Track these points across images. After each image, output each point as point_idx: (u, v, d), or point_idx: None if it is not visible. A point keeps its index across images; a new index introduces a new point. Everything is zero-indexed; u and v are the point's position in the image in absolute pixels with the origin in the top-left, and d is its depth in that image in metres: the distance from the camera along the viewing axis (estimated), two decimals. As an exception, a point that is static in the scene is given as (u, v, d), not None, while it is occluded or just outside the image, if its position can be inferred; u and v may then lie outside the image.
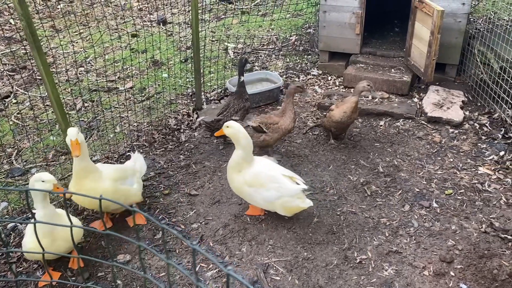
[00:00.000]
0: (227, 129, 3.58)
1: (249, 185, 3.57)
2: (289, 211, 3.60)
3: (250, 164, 3.60)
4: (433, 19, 4.89)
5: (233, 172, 3.65)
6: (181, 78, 6.27)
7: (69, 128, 3.28)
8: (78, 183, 3.37)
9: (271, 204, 3.59)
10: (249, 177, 3.56)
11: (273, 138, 4.39)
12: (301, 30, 7.76)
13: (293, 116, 4.36)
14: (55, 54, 7.06)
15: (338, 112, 4.51)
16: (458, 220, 3.72)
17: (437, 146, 4.67)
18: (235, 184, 3.68)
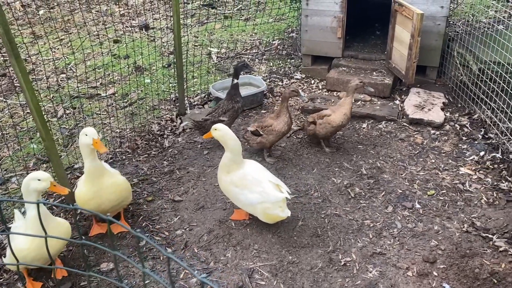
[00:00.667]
0: (215, 132, 3.59)
1: (235, 185, 3.59)
2: (268, 218, 3.58)
3: (239, 166, 3.61)
4: (413, 22, 4.96)
5: (222, 172, 3.67)
6: (164, 83, 6.24)
7: (86, 129, 3.39)
8: (96, 182, 3.46)
9: (253, 208, 3.60)
10: (237, 178, 3.58)
11: (268, 140, 4.47)
12: (284, 34, 7.79)
13: (286, 119, 4.41)
14: (36, 61, 6.97)
15: (339, 115, 4.51)
16: (441, 220, 3.77)
17: (419, 147, 4.73)
18: (222, 184, 3.69)
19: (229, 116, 4.71)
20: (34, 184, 2.99)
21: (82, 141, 3.39)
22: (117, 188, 3.58)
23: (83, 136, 3.38)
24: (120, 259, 3.49)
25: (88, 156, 3.41)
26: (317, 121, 4.62)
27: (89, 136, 3.36)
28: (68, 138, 5.08)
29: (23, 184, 3.02)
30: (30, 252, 3.01)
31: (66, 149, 4.90)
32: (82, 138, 3.38)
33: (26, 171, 4.51)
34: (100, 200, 3.50)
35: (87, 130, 3.38)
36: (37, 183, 3.00)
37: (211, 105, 5.73)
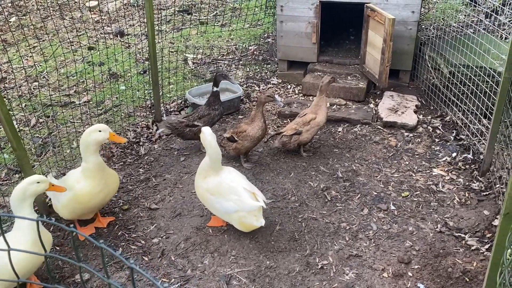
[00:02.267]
0: (201, 134, 3.63)
1: (211, 193, 3.58)
2: (243, 226, 3.57)
3: (217, 173, 3.61)
4: (385, 27, 5.06)
5: (199, 178, 3.67)
6: (140, 90, 6.19)
7: (97, 125, 3.53)
8: (100, 176, 3.57)
9: (228, 216, 3.59)
10: (212, 185, 3.57)
11: (243, 146, 4.48)
12: (260, 40, 7.83)
13: (261, 125, 4.44)
14: (7, 69, 6.83)
15: (323, 115, 4.60)
16: (415, 221, 3.83)
17: (393, 149, 4.81)
18: (199, 190, 3.68)
19: (203, 122, 4.70)
20: (34, 187, 3.06)
21: (95, 137, 3.48)
22: (116, 179, 3.77)
23: (95, 133, 3.48)
24: (97, 269, 3.44)
25: (93, 152, 3.51)
26: (302, 129, 4.59)
27: (104, 131, 3.51)
28: (41, 148, 4.98)
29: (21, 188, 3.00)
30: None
31: (40, 159, 4.81)
32: (94, 135, 3.48)
33: (-3, 182, 4.41)
34: (106, 191, 3.64)
35: (100, 127, 3.52)
36: (37, 185, 3.08)
37: (188, 111, 5.71)
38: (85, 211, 3.65)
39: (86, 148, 3.51)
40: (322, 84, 4.64)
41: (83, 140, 3.51)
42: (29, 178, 3.04)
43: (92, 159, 3.53)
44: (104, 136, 3.52)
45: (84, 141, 3.50)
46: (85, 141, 3.49)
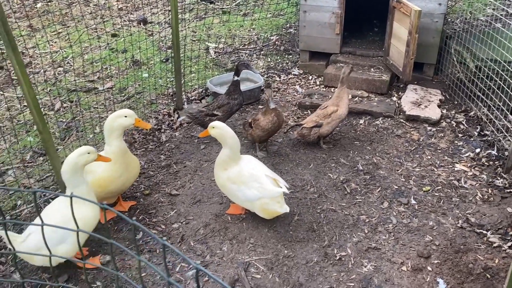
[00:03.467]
0: (212, 130, 3.58)
1: (232, 182, 3.58)
2: (267, 213, 3.58)
3: (236, 162, 3.62)
4: (411, 19, 4.97)
5: (219, 169, 3.67)
6: (162, 77, 6.23)
7: (122, 111, 3.58)
8: (122, 160, 3.62)
9: (251, 204, 3.60)
10: (233, 174, 3.58)
11: (256, 134, 4.47)
12: (282, 30, 7.79)
13: (271, 118, 4.38)
14: (33, 54, 6.95)
15: (345, 107, 4.59)
16: (436, 216, 3.79)
17: (415, 144, 4.75)
18: (219, 181, 3.69)
19: (223, 111, 4.72)
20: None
21: (120, 122, 3.54)
22: (137, 164, 3.83)
23: (121, 118, 3.55)
24: (116, 252, 3.50)
25: (117, 137, 3.58)
26: (323, 121, 4.56)
27: (130, 117, 3.57)
28: (65, 132, 5.08)
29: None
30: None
31: (63, 143, 4.90)
32: (120, 120, 3.54)
33: (22, 164, 4.51)
34: (127, 176, 3.70)
35: (126, 112, 3.58)
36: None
37: (209, 100, 5.73)
38: (106, 195, 3.71)
39: (111, 133, 3.57)
40: (344, 75, 4.60)
41: (108, 124, 3.56)
42: (79, 149, 3.16)
43: (116, 143, 3.58)
44: (130, 122, 3.58)
45: (109, 125, 3.55)
46: (110, 125, 3.55)
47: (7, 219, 3.84)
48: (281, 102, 5.66)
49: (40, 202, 4.00)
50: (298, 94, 5.87)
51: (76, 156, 3.11)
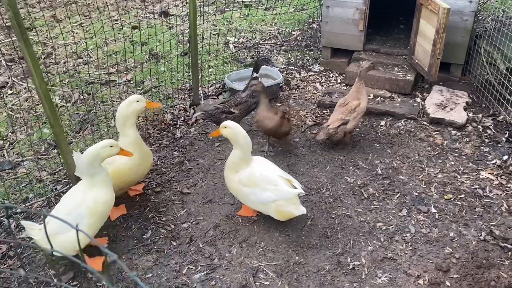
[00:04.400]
0: (224, 130, 3.46)
1: (245, 185, 3.47)
2: (282, 215, 3.47)
3: (247, 164, 3.50)
4: (439, 17, 4.73)
5: (230, 172, 3.55)
6: (180, 72, 6.15)
7: (134, 96, 3.59)
8: (139, 149, 3.64)
9: (265, 207, 3.48)
10: (244, 176, 3.46)
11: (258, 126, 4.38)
12: (305, 25, 7.60)
13: (272, 116, 4.24)
14: (54, 45, 6.96)
15: (366, 102, 4.51)
16: (457, 227, 3.60)
17: (439, 148, 4.53)
18: (231, 184, 3.57)
19: (240, 109, 4.60)
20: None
21: (134, 107, 3.56)
22: (150, 155, 3.82)
23: (134, 103, 3.56)
24: (125, 250, 3.44)
25: (132, 125, 3.59)
26: (350, 117, 4.40)
27: (141, 100, 3.59)
28: (80, 124, 5.05)
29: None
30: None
31: (78, 135, 4.87)
32: (134, 105, 3.55)
33: (36, 156, 4.50)
34: (145, 165, 3.73)
35: (137, 97, 3.59)
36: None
37: (226, 96, 5.62)
38: (123, 186, 3.71)
39: (125, 121, 3.57)
40: (362, 70, 4.45)
41: (121, 113, 3.56)
42: (103, 142, 3.16)
43: (131, 132, 3.60)
44: (142, 105, 3.61)
45: (122, 114, 3.56)
46: (124, 113, 3.56)
47: (18, 211, 3.82)
48: (299, 100, 5.50)
49: (51, 196, 3.97)
50: (318, 92, 5.69)
51: (99, 148, 3.13)
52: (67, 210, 3.06)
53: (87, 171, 3.15)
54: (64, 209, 3.08)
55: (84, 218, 3.07)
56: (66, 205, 3.11)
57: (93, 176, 3.16)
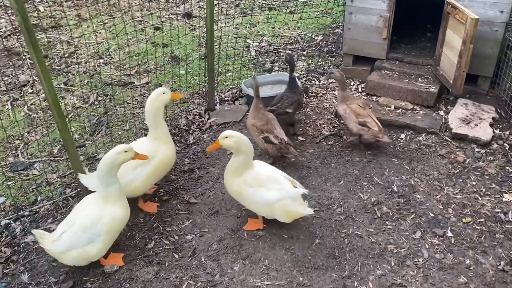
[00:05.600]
0: (226, 140, 3.37)
1: (249, 186, 3.42)
2: (288, 215, 3.44)
3: (251, 167, 3.48)
4: (466, 28, 4.49)
5: (232, 177, 3.49)
6: (198, 75, 6.08)
7: (160, 89, 3.70)
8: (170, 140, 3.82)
9: (271, 208, 3.43)
10: (250, 177, 3.43)
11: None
12: (328, 30, 7.42)
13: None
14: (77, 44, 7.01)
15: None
16: (474, 254, 3.38)
17: (460, 166, 4.30)
18: (234, 187, 3.50)
19: (293, 108, 4.68)
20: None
21: (163, 98, 3.68)
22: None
23: (161, 95, 3.67)
24: (127, 260, 3.39)
25: (161, 117, 3.72)
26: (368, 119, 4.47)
27: (167, 92, 3.71)
28: (95, 126, 5.04)
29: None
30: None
31: (92, 138, 4.86)
32: (162, 97, 3.67)
33: (49, 157, 4.51)
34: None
35: (162, 89, 3.70)
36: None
37: (242, 102, 5.52)
38: (161, 176, 3.85)
39: (157, 113, 3.67)
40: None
41: (152, 106, 3.65)
42: (117, 147, 3.17)
43: (162, 123, 3.73)
44: (168, 96, 3.73)
45: (154, 106, 3.65)
46: (155, 105, 3.65)
47: (25, 214, 3.83)
48: (317, 109, 5.34)
49: (59, 200, 3.97)
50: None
51: (114, 154, 3.13)
52: (84, 227, 3.08)
53: (104, 180, 3.13)
54: (80, 225, 3.08)
55: (101, 235, 3.12)
56: (82, 221, 3.10)
57: (108, 187, 3.14)
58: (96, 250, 3.13)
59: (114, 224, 3.15)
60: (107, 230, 3.12)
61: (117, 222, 3.17)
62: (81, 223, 3.09)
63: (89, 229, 3.07)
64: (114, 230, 3.18)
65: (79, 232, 3.06)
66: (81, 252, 3.09)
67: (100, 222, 3.09)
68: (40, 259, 3.42)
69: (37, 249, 3.50)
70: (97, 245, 3.12)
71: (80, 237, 3.06)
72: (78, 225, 3.08)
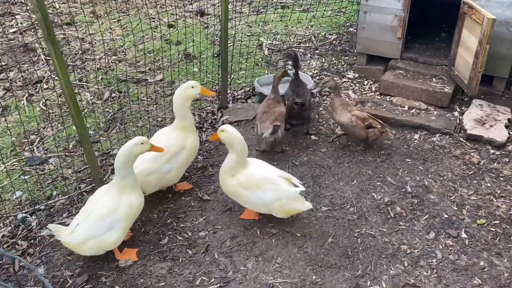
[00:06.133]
0: (222, 134, 3.46)
1: (245, 188, 3.46)
2: (287, 213, 3.52)
3: (244, 166, 3.51)
4: (482, 28, 4.45)
5: (226, 176, 3.53)
6: (211, 73, 6.10)
7: (188, 82, 3.75)
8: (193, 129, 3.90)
9: (268, 208, 3.48)
10: (243, 178, 3.46)
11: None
12: (342, 29, 7.40)
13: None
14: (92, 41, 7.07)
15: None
16: (488, 256, 3.36)
17: (474, 167, 4.27)
18: (229, 188, 3.54)
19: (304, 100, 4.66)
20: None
21: (190, 93, 3.73)
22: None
23: (188, 89, 3.73)
24: (141, 255, 3.42)
25: (188, 109, 3.79)
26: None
27: (196, 87, 3.75)
28: (109, 122, 5.09)
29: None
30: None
31: (106, 134, 4.90)
32: (189, 91, 3.73)
33: (64, 153, 4.56)
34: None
35: (192, 83, 3.75)
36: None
37: (255, 100, 5.53)
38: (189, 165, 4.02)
39: (183, 104, 3.74)
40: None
41: (179, 96, 3.73)
42: (133, 140, 3.23)
43: (189, 115, 3.81)
44: (196, 91, 3.77)
45: (179, 98, 3.73)
46: (181, 97, 3.72)
47: (41, 208, 3.88)
48: (330, 108, 5.33)
49: (74, 195, 4.01)
50: (350, 100, 5.50)
51: (130, 146, 3.20)
52: (102, 216, 3.16)
53: (119, 172, 3.21)
54: (98, 215, 3.16)
55: (119, 222, 3.21)
56: (100, 211, 3.18)
57: (125, 178, 3.23)
58: (115, 238, 3.22)
59: (131, 212, 3.26)
60: (124, 218, 3.22)
61: (133, 210, 3.28)
62: (99, 213, 3.17)
63: (108, 217, 3.16)
64: (131, 217, 3.29)
65: (98, 222, 3.15)
66: (99, 241, 3.17)
67: (118, 210, 3.20)
68: (55, 252, 3.46)
69: (52, 243, 3.54)
70: (115, 233, 3.21)
71: (99, 226, 3.15)
72: (96, 215, 3.17)
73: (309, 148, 4.63)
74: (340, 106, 4.44)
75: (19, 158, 4.48)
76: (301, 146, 4.65)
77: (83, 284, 3.19)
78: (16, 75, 6.08)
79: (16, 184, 4.12)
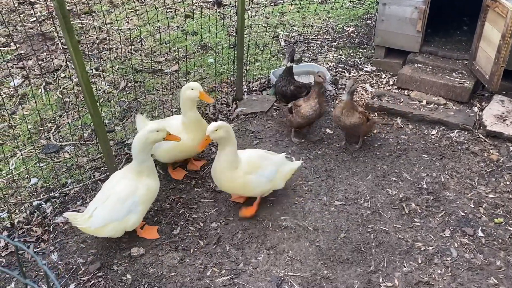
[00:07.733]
0: (218, 132, 3.30)
1: (249, 173, 3.48)
2: (285, 178, 3.69)
3: (238, 156, 3.56)
4: (506, 21, 4.32)
5: (230, 172, 3.44)
6: (226, 64, 6.07)
7: (190, 83, 3.75)
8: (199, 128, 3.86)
9: (272, 183, 3.61)
10: (245, 165, 3.50)
11: (295, 120, 4.43)
12: (360, 21, 7.28)
13: (313, 104, 4.31)
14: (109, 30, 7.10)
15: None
16: (505, 255, 3.29)
17: (493, 165, 4.17)
18: (238, 181, 3.46)
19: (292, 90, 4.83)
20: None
21: (187, 95, 3.74)
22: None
23: (188, 90, 3.74)
24: (153, 244, 3.44)
25: (190, 108, 3.79)
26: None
27: (195, 89, 3.74)
28: (124, 112, 5.11)
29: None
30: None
31: (122, 123, 4.92)
32: (187, 93, 3.74)
33: (79, 141, 4.60)
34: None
35: (192, 85, 3.74)
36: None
37: (270, 92, 5.48)
38: (182, 158, 4.12)
39: (184, 104, 3.79)
40: None
41: (181, 95, 3.80)
42: (149, 126, 3.29)
43: (189, 114, 3.81)
44: (195, 94, 3.75)
45: (181, 97, 3.80)
46: (181, 97, 3.80)
47: (56, 195, 3.93)
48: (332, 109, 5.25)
49: (89, 183, 4.05)
50: (367, 94, 5.43)
51: (146, 133, 3.25)
52: (121, 198, 3.22)
53: (137, 157, 3.28)
54: (118, 198, 3.22)
55: (139, 205, 3.28)
56: (119, 194, 3.23)
57: (142, 163, 3.30)
58: (134, 219, 3.29)
59: (149, 194, 3.34)
60: (143, 200, 3.30)
61: (151, 192, 3.37)
62: (118, 196, 3.23)
63: (128, 200, 3.22)
64: (149, 199, 3.37)
65: (117, 205, 3.21)
66: (120, 223, 3.23)
67: (137, 193, 3.26)
68: (69, 240, 3.50)
69: (66, 230, 3.58)
70: (135, 215, 3.28)
71: (118, 209, 3.20)
72: (115, 198, 3.22)
73: (324, 141, 4.58)
74: (352, 109, 4.21)
75: (35, 145, 4.53)
76: (316, 140, 4.60)
77: (95, 272, 3.23)
78: (34, 63, 6.14)
79: (32, 171, 4.17)
